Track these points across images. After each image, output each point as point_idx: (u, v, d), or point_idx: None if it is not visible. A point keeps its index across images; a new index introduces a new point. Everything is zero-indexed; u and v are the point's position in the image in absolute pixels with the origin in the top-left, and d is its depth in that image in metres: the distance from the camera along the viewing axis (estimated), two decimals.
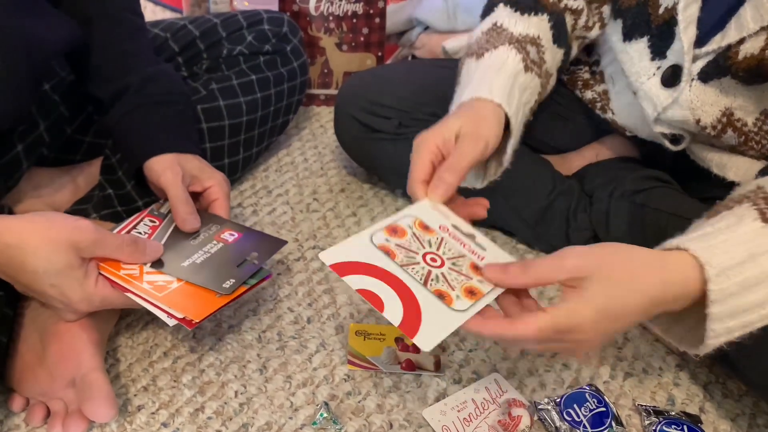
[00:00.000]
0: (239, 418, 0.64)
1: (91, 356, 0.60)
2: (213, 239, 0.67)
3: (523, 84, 0.68)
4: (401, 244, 0.55)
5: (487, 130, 0.61)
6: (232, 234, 0.69)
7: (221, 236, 0.68)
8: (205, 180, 0.72)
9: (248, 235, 0.69)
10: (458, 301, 0.52)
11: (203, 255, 0.65)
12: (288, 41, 0.96)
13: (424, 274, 0.54)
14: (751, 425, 0.68)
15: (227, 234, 0.68)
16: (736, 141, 0.72)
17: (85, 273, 0.58)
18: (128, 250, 0.61)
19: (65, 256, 0.56)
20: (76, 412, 0.60)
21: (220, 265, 0.65)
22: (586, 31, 0.79)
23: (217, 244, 0.67)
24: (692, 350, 0.54)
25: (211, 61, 0.91)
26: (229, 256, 0.66)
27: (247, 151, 0.93)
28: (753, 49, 0.63)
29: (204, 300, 0.61)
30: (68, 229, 0.57)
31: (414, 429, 0.64)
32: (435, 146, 0.59)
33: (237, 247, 0.67)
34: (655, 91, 0.73)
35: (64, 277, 0.57)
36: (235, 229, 0.69)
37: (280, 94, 0.94)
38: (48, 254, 0.55)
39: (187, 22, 0.92)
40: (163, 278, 0.62)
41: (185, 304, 0.60)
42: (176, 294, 0.61)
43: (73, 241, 0.56)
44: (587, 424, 0.64)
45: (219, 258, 0.65)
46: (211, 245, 0.67)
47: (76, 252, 0.57)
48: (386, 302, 0.50)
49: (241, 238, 0.68)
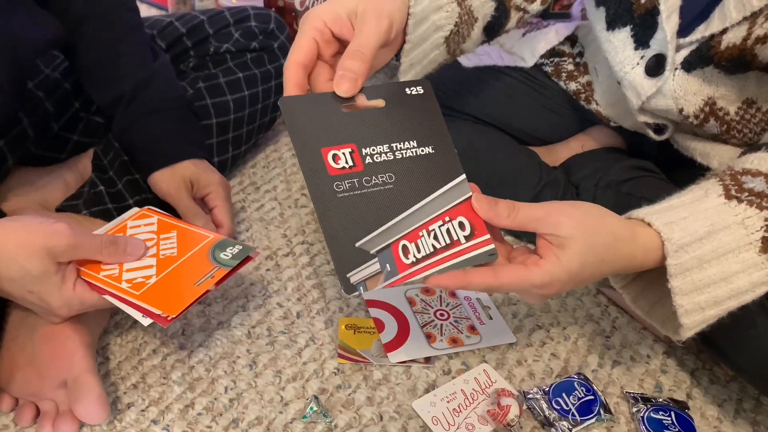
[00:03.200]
0: (229, 413, 0.64)
1: (82, 358, 0.60)
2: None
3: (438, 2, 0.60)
4: (425, 300, 0.76)
5: (391, 5, 0.53)
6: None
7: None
8: (201, 188, 0.72)
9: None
10: (439, 343, 0.71)
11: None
12: (275, 38, 0.96)
13: (426, 321, 0.73)
14: (737, 410, 0.69)
15: None
16: (718, 130, 0.73)
17: (62, 278, 0.57)
18: (107, 251, 0.60)
19: (41, 263, 0.55)
20: (67, 413, 0.60)
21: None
22: (528, 3, 0.71)
23: None
24: (676, 335, 0.55)
25: (198, 59, 0.90)
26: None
27: (236, 149, 0.93)
28: (735, 38, 0.64)
29: (182, 293, 0.60)
30: (44, 234, 0.55)
31: (404, 421, 0.64)
32: (322, 23, 0.51)
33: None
34: (639, 80, 0.73)
35: (42, 283, 0.56)
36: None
37: (268, 92, 0.94)
38: (23, 261, 0.54)
39: (173, 19, 0.91)
40: (142, 273, 0.62)
41: (163, 299, 0.59)
42: (155, 289, 0.60)
43: (49, 247, 0.55)
44: (576, 412, 0.65)
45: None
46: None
47: (52, 257, 0.55)
48: (386, 328, 0.72)
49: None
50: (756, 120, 0.71)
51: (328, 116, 0.50)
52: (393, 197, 0.49)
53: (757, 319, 0.62)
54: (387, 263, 0.48)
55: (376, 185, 0.49)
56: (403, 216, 0.49)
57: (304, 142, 0.49)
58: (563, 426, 0.63)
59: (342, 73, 0.50)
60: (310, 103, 0.51)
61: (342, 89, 0.50)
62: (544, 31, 0.93)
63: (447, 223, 0.49)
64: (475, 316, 0.75)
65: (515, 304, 0.78)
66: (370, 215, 0.48)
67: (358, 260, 0.47)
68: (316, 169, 0.49)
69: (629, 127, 0.81)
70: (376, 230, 0.48)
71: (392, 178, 0.50)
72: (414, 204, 0.50)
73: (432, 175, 0.51)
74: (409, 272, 0.48)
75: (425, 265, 0.48)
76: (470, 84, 0.92)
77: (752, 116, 0.71)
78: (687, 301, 0.52)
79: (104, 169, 0.80)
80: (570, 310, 0.78)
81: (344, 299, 0.77)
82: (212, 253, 0.65)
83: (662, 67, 0.71)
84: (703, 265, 0.51)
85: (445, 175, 0.51)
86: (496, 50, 0.97)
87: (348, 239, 0.48)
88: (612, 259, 0.51)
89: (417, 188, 0.50)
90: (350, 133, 0.50)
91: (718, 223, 0.52)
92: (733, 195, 0.53)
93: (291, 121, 0.49)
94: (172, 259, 0.64)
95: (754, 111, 0.71)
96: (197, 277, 0.62)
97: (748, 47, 0.63)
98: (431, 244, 0.49)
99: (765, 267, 0.52)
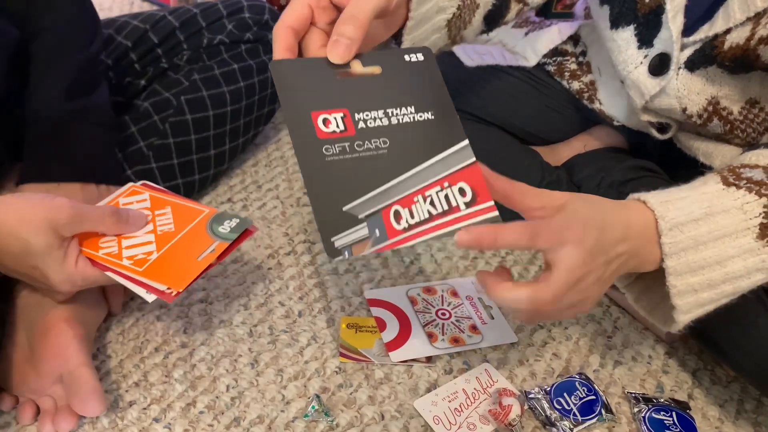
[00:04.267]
0: (231, 412, 0.64)
1: (76, 351, 0.60)
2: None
3: None
4: (427, 299, 0.76)
5: None
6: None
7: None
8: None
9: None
10: (441, 342, 0.71)
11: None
12: (270, 29, 0.94)
13: (428, 321, 0.73)
14: (739, 411, 0.69)
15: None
16: (721, 129, 0.72)
17: (65, 253, 0.57)
18: (110, 221, 0.60)
19: (44, 237, 0.55)
20: (65, 407, 0.60)
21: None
22: None
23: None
24: (670, 323, 0.55)
25: (191, 51, 0.90)
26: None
27: (234, 142, 0.92)
28: (739, 39, 0.64)
29: (185, 267, 0.60)
30: (45, 208, 0.56)
31: (405, 420, 0.64)
32: None
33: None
34: (643, 79, 0.73)
35: (44, 258, 0.56)
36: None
37: (264, 83, 0.93)
38: (26, 236, 0.54)
39: (166, 13, 0.91)
40: (142, 250, 0.61)
41: (167, 274, 0.59)
42: (157, 265, 0.60)
43: (52, 220, 0.55)
44: (577, 412, 0.65)
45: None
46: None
47: (55, 231, 0.56)
48: (388, 327, 0.72)
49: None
50: (759, 120, 0.71)
51: (321, 81, 0.48)
52: (386, 162, 0.47)
53: (759, 320, 0.62)
54: (376, 228, 0.46)
55: (368, 149, 0.47)
56: (397, 181, 0.47)
57: (293, 104, 0.47)
58: (565, 426, 0.63)
59: (336, 39, 0.48)
60: (302, 67, 0.49)
61: (335, 55, 0.48)
62: (547, 31, 0.93)
63: (446, 188, 0.47)
64: (477, 315, 0.75)
65: None
66: (361, 180, 0.46)
67: (344, 224, 0.45)
68: (304, 131, 0.46)
69: (632, 127, 0.81)
70: (366, 195, 0.46)
71: (386, 143, 0.48)
72: (409, 169, 0.47)
73: (431, 140, 0.49)
74: (400, 238, 0.46)
75: (418, 232, 0.46)
76: (472, 83, 0.92)
77: (755, 116, 0.71)
78: (680, 281, 0.51)
79: None
80: None
81: (346, 298, 0.77)
82: (210, 227, 0.64)
83: (666, 66, 0.71)
84: (698, 246, 0.51)
85: (445, 141, 0.49)
86: (499, 49, 0.96)
87: (334, 203, 0.46)
88: (611, 226, 0.50)
89: (413, 154, 0.48)
90: (343, 98, 0.48)
91: (716, 206, 0.52)
92: (731, 182, 0.54)
93: (281, 84, 0.47)
94: (170, 235, 0.63)
95: (758, 111, 0.71)
96: (198, 252, 0.61)
97: (751, 47, 0.63)
98: (426, 210, 0.47)
99: (761, 253, 0.52)
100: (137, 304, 0.74)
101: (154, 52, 0.88)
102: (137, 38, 0.88)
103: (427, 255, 0.84)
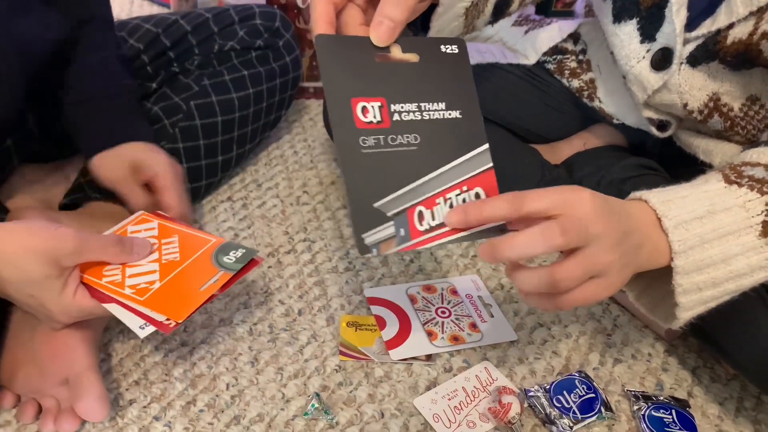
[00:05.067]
0: (231, 410, 0.64)
1: (84, 355, 0.60)
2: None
3: None
4: (426, 297, 0.76)
5: None
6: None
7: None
8: (148, 168, 0.70)
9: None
10: (440, 340, 0.71)
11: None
12: (280, 36, 0.95)
13: (428, 319, 0.73)
14: (738, 408, 0.69)
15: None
16: (722, 126, 0.72)
17: (63, 284, 0.56)
18: (113, 251, 0.60)
19: (43, 267, 0.54)
20: (68, 410, 0.60)
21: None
22: None
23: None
24: (671, 320, 0.54)
25: (203, 56, 0.90)
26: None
27: (240, 148, 0.93)
28: (741, 34, 0.64)
29: (187, 298, 0.60)
30: (48, 238, 0.54)
31: (405, 418, 0.64)
32: None
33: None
34: (645, 74, 0.73)
35: (42, 288, 0.55)
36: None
37: (273, 90, 0.94)
38: (25, 264, 0.53)
39: (179, 17, 0.91)
40: (145, 279, 0.61)
41: (168, 304, 0.59)
42: (159, 294, 0.60)
43: (53, 250, 0.54)
44: (577, 410, 0.65)
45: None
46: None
47: (56, 262, 0.55)
48: (387, 325, 0.72)
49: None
50: (759, 117, 0.71)
51: (362, 63, 0.48)
52: (415, 159, 0.48)
53: (759, 317, 0.62)
54: (402, 228, 0.47)
55: (400, 144, 0.48)
56: (423, 181, 0.48)
57: (335, 87, 0.47)
58: (564, 424, 0.63)
59: (380, 20, 0.47)
60: (345, 45, 0.48)
61: (378, 37, 0.48)
62: (547, 29, 0.93)
63: (464, 192, 0.48)
64: (477, 313, 0.75)
65: (517, 302, 0.78)
66: (391, 176, 0.47)
67: (374, 221, 0.46)
68: (344, 119, 0.47)
69: (632, 124, 0.81)
70: (395, 192, 0.47)
71: (417, 140, 0.48)
72: (435, 169, 0.48)
73: (456, 140, 0.49)
74: (421, 239, 0.47)
75: (437, 234, 0.47)
76: None
77: (756, 113, 0.71)
78: (686, 280, 0.51)
79: None
80: (571, 309, 0.78)
81: (346, 296, 0.77)
82: (215, 257, 0.64)
83: (668, 61, 0.71)
84: (704, 244, 0.51)
85: (468, 143, 0.49)
86: (499, 48, 0.96)
87: (368, 198, 0.46)
88: (617, 204, 0.50)
89: (439, 152, 0.49)
90: (381, 86, 0.48)
91: (718, 204, 0.52)
92: (733, 180, 0.53)
93: (325, 62, 0.47)
94: (174, 264, 0.63)
95: (758, 108, 0.71)
96: (201, 282, 0.61)
97: (753, 43, 0.63)
98: (446, 212, 0.48)
99: (763, 251, 0.51)
100: None
101: (165, 55, 0.89)
102: (149, 41, 0.88)
103: (427, 253, 0.85)
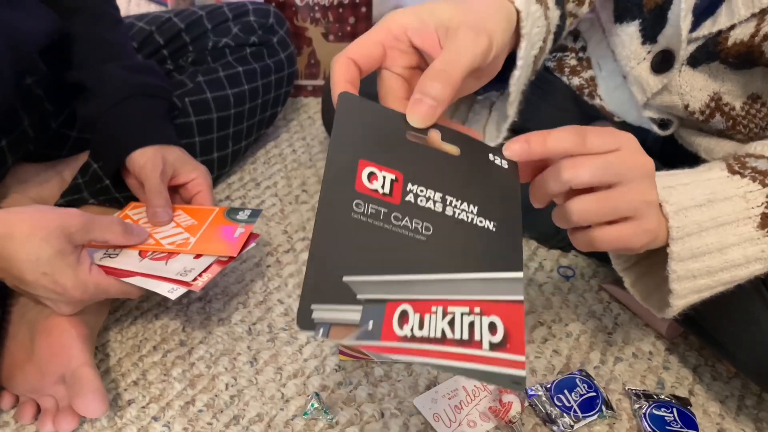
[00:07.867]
0: (230, 410, 0.64)
1: (79, 352, 0.60)
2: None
3: (534, 13, 0.51)
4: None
5: (493, 24, 0.43)
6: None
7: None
8: (189, 171, 0.73)
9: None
10: None
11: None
12: (274, 32, 0.95)
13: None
14: (740, 407, 0.69)
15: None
16: (724, 125, 0.72)
17: (77, 259, 0.58)
18: (118, 230, 0.62)
19: (56, 242, 0.56)
20: (66, 408, 0.60)
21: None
22: (578, 6, 0.67)
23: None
24: (664, 309, 0.54)
25: (196, 53, 0.90)
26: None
27: (236, 145, 0.92)
28: (743, 35, 0.63)
29: (227, 242, 0.64)
30: (57, 215, 0.57)
31: (405, 417, 0.64)
32: (402, 30, 0.42)
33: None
34: (645, 76, 0.73)
35: (57, 263, 0.56)
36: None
37: (268, 86, 0.93)
38: (39, 241, 0.55)
39: (172, 15, 0.91)
40: (178, 238, 0.65)
41: (216, 247, 0.63)
42: (201, 243, 0.64)
43: (64, 227, 0.56)
44: (578, 409, 0.64)
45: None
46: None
47: (68, 237, 0.57)
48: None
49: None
50: (761, 115, 0.71)
51: (387, 133, 0.41)
52: (419, 252, 0.38)
53: (760, 316, 0.62)
54: (372, 320, 0.36)
55: (406, 228, 0.39)
56: (422, 278, 0.38)
57: (343, 143, 0.39)
58: (565, 422, 0.63)
59: (419, 97, 0.40)
60: (373, 112, 0.41)
61: (416, 116, 0.40)
62: None
63: (474, 315, 0.38)
64: None
65: None
66: (380, 255, 0.37)
67: (335, 296, 0.35)
68: (342, 177, 0.38)
69: (633, 123, 0.81)
70: (378, 275, 0.37)
71: (429, 231, 0.39)
72: (443, 271, 0.39)
73: (481, 253, 0.40)
74: (394, 347, 0.35)
75: (420, 349, 0.36)
76: None
77: (758, 111, 0.70)
78: (681, 267, 0.51)
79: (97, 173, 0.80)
80: (572, 307, 0.78)
81: None
82: (229, 216, 0.68)
83: (669, 63, 0.70)
84: (701, 232, 0.51)
85: (498, 263, 0.40)
86: None
87: (336, 266, 0.36)
88: None
89: (454, 258, 0.39)
90: (403, 161, 0.40)
91: (719, 193, 0.51)
92: (736, 170, 0.53)
93: (342, 119, 0.40)
94: (196, 227, 0.66)
95: (760, 106, 0.70)
96: (230, 234, 0.65)
97: (755, 44, 0.63)
98: (441, 328, 0.37)
99: (760, 243, 0.51)
100: (136, 303, 0.74)
101: (159, 53, 0.89)
102: (143, 39, 0.88)
103: None
